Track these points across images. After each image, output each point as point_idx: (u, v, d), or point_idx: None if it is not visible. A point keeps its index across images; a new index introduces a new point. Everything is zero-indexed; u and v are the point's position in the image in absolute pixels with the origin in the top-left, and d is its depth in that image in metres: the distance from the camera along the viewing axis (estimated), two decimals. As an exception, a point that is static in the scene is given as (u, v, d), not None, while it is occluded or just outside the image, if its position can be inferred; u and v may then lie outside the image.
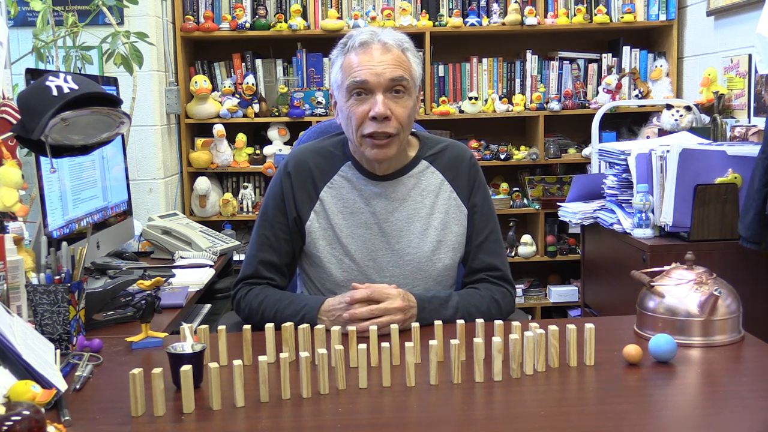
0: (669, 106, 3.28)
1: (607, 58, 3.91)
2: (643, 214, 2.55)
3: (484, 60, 3.91)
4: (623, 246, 2.67)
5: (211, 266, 2.52)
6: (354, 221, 1.74)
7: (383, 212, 1.74)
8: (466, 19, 3.78)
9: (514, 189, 3.90)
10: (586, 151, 3.78)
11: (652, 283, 1.52)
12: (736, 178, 2.47)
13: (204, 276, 2.40)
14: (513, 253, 3.85)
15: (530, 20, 3.73)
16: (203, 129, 3.86)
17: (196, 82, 3.71)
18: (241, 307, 1.74)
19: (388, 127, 1.64)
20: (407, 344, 1.29)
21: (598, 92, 3.85)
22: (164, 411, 1.19)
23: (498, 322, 1.44)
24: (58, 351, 1.41)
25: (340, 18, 3.75)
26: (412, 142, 1.81)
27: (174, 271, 2.35)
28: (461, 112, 3.82)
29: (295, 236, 1.76)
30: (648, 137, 3.37)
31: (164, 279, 1.60)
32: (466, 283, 1.79)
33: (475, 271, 1.77)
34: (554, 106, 3.79)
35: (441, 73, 3.90)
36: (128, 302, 1.74)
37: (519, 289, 3.89)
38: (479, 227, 1.78)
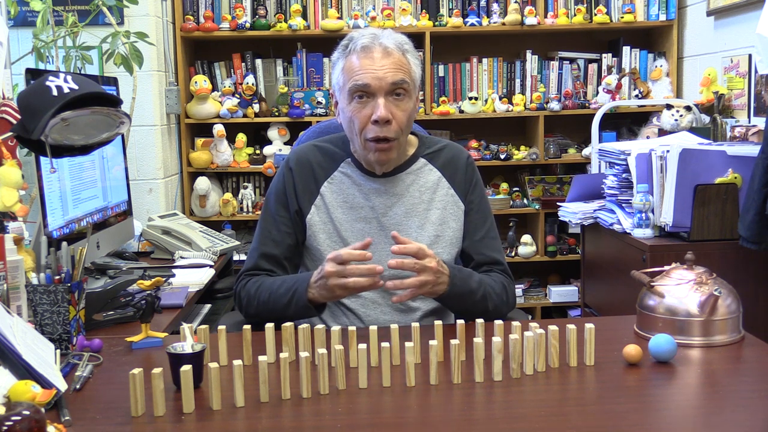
0: (669, 106, 3.28)
1: (607, 58, 3.91)
2: (643, 214, 2.55)
3: (484, 60, 3.91)
4: (623, 246, 2.67)
5: (211, 266, 2.52)
6: (353, 215, 1.76)
7: (382, 207, 1.77)
8: (466, 19, 3.78)
9: (514, 189, 3.90)
10: (586, 151, 3.78)
11: (652, 283, 1.52)
12: (736, 178, 2.47)
13: (204, 276, 2.40)
14: (513, 253, 3.85)
15: (530, 20, 3.73)
16: (203, 129, 3.86)
17: (196, 82, 3.71)
18: (241, 298, 1.76)
19: (388, 131, 1.68)
20: (407, 344, 1.30)
21: (598, 92, 3.85)
22: (164, 411, 1.19)
23: (498, 322, 1.44)
24: (58, 351, 1.41)
25: (340, 18, 3.75)
26: (412, 141, 1.85)
27: (174, 271, 2.35)
28: (461, 112, 3.82)
29: (298, 229, 1.79)
30: (648, 137, 3.37)
31: (164, 279, 1.60)
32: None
33: (481, 265, 1.80)
34: (554, 106, 3.79)
35: (441, 73, 3.90)
36: (128, 302, 1.74)
37: (519, 289, 3.89)
38: (477, 224, 1.81)
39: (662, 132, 3.24)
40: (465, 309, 1.65)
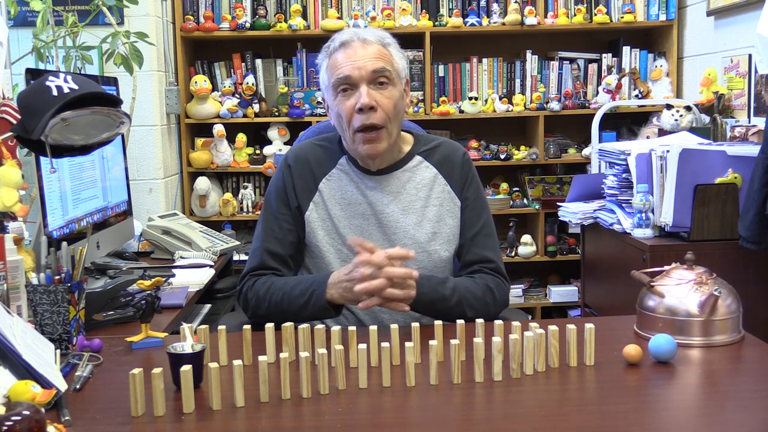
0: (669, 106, 3.28)
1: (607, 58, 3.91)
2: (643, 214, 2.55)
3: (484, 60, 3.91)
4: (623, 246, 2.67)
5: (211, 266, 2.52)
6: (351, 212, 1.77)
7: (379, 204, 1.77)
8: (466, 19, 3.78)
9: (514, 189, 3.89)
10: (586, 151, 3.78)
11: (652, 283, 1.52)
12: (736, 178, 2.47)
13: (204, 276, 2.40)
14: (513, 253, 3.85)
15: (530, 20, 3.73)
16: (203, 129, 3.86)
17: (196, 82, 3.71)
18: (248, 298, 1.74)
19: (374, 118, 1.68)
20: (407, 344, 1.30)
21: (598, 92, 3.85)
22: (164, 411, 1.19)
23: (498, 322, 1.44)
24: (58, 351, 1.41)
25: (340, 18, 3.75)
26: (407, 139, 1.85)
27: (174, 271, 2.35)
28: (461, 112, 3.82)
29: (299, 226, 1.79)
30: (648, 137, 3.37)
31: (164, 279, 1.60)
32: (462, 275, 1.80)
33: (470, 264, 1.79)
34: (554, 106, 3.79)
35: (441, 73, 3.90)
36: (128, 302, 1.74)
37: (519, 289, 3.89)
38: (471, 220, 1.80)
39: (662, 132, 3.24)
40: (439, 316, 1.61)
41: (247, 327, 1.44)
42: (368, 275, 1.56)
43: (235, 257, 3.18)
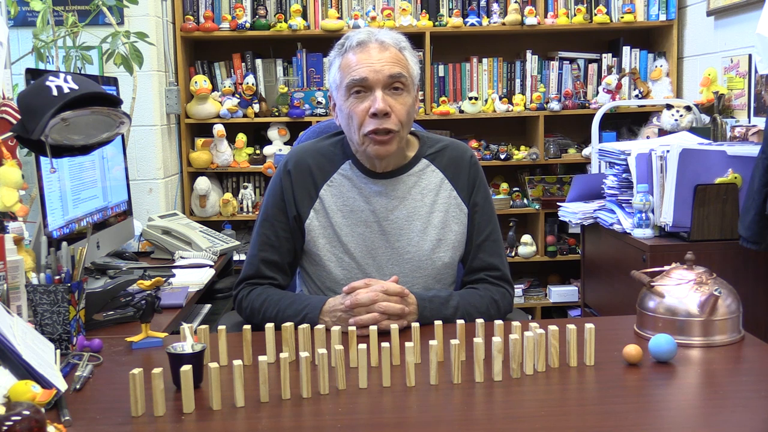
0: (669, 106, 3.28)
1: (607, 58, 3.91)
2: (643, 214, 2.55)
3: (484, 60, 3.91)
4: (623, 246, 2.67)
5: (211, 266, 2.52)
6: (354, 219, 1.74)
7: (383, 210, 1.75)
8: (466, 19, 3.78)
9: (514, 189, 3.90)
10: (586, 151, 3.78)
11: (652, 283, 1.52)
12: (736, 178, 2.47)
13: (204, 276, 2.40)
14: (513, 253, 3.85)
15: (530, 20, 3.73)
16: (203, 129, 3.86)
17: (196, 82, 3.71)
18: (243, 307, 1.74)
19: (388, 123, 1.65)
20: (407, 344, 1.29)
21: (598, 92, 3.85)
22: (164, 411, 1.19)
23: (498, 322, 1.44)
24: (58, 351, 1.41)
25: (340, 18, 3.75)
26: (412, 142, 1.82)
27: (174, 271, 2.36)
28: (461, 112, 3.83)
29: (296, 234, 1.77)
30: (648, 137, 3.37)
31: (164, 279, 1.60)
32: (466, 283, 1.80)
33: (475, 271, 1.78)
34: (554, 106, 3.79)
35: (441, 73, 3.90)
36: (128, 302, 1.74)
37: (519, 289, 3.89)
38: (480, 226, 1.78)
39: (662, 132, 3.24)
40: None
41: (247, 327, 1.44)
42: (363, 310, 1.56)
43: (235, 257, 3.18)
